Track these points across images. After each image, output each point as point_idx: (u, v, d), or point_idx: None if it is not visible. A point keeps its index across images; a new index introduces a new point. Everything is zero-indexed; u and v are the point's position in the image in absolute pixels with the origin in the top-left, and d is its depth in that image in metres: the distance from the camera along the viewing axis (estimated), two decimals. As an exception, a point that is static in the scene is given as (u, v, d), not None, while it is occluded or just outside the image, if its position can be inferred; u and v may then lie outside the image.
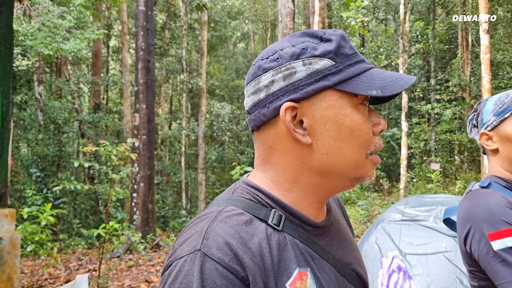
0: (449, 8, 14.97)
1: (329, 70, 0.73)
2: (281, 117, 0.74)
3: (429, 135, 13.48)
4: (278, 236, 0.72)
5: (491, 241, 1.20)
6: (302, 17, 21.11)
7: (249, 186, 0.78)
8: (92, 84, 15.52)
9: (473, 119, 1.48)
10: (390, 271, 4.06)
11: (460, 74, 13.62)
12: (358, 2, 8.88)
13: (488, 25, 7.87)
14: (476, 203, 1.30)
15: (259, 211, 0.73)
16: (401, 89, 0.73)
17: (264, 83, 0.76)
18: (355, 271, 0.83)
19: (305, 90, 0.73)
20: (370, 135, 0.76)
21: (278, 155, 0.77)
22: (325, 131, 0.74)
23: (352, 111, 0.74)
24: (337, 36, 0.76)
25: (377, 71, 0.76)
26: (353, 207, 10.81)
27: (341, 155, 0.74)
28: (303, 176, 0.77)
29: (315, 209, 0.80)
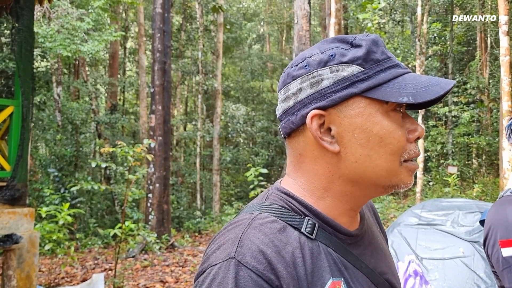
0: (468, 9, 14.77)
1: (357, 77, 0.72)
2: (307, 124, 0.73)
3: (446, 138, 13.32)
4: (312, 244, 0.71)
5: (501, 248, 1.24)
6: (318, 19, 21.06)
7: (282, 193, 0.77)
8: (109, 85, 15.72)
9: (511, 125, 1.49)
10: (406, 275, 4.02)
11: (478, 77, 13.43)
12: (374, 4, 8.83)
13: (508, 26, 7.74)
14: (497, 210, 1.34)
15: (293, 219, 0.73)
16: (436, 95, 0.70)
17: (293, 91, 0.76)
18: (389, 281, 0.81)
19: (332, 98, 0.72)
20: (403, 143, 0.73)
21: (308, 162, 0.77)
22: (353, 139, 0.72)
23: (382, 119, 0.72)
24: (368, 41, 0.74)
25: (412, 76, 0.74)
26: (368, 210, 10.71)
27: (371, 163, 0.73)
28: (334, 184, 0.75)
29: (348, 217, 0.78)
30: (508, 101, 7.30)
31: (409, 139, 0.74)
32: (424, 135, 13.34)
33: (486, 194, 10.99)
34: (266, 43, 24.01)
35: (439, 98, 0.77)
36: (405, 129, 0.74)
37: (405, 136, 0.74)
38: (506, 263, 1.23)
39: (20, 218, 4.17)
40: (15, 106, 4.31)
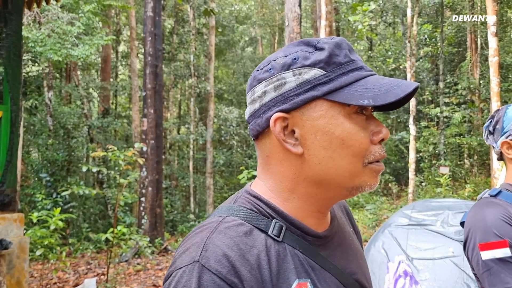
0: (458, 10, 14.89)
1: (319, 80, 0.72)
2: (271, 127, 0.74)
3: (438, 139, 13.40)
4: (278, 247, 0.71)
5: (481, 251, 1.26)
6: (310, 21, 21.13)
7: (250, 196, 0.78)
8: (101, 89, 15.67)
9: (489, 126, 1.50)
10: (396, 276, 4.03)
11: (469, 77, 13.54)
12: (365, 6, 8.88)
13: (497, 27, 7.81)
14: (477, 213, 1.36)
15: (260, 222, 0.73)
16: (396, 98, 0.70)
17: (258, 94, 0.77)
18: (358, 281, 0.82)
19: (294, 101, 0.73)
20: (366, 145, 0.74)
21: (275, 164, 0.77)
22: (316, 141, 0.73)
23: (344, 121, 0.73)
24: (331, 44, 0.75)
25: (374, 79, 0.74)
26: (362, 211, 10.77)
27: (334, 165, 0.73)
28: (300, 186, 0.76)
29: (316, 219, 0.79)
30: (497, 101, 7.36)
31: (373, 140, 0.75)
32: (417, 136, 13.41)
33: (478, 194, 11.04)
34: (258, 45, 24.04)
35: (403, 101, 0.77)
36: (369, 131, 0.75)
37: (369, 138, 0.74)
38: (485, 266, 1.24)
39: (9, 223, 4.15)
40: (4, 111, 4.29)
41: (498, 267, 1.22)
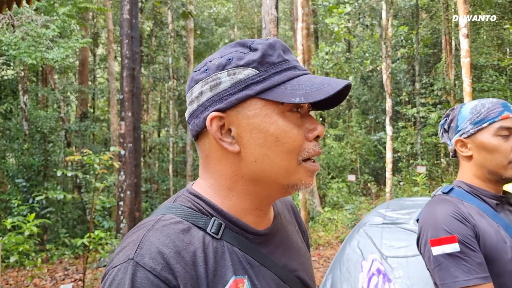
0: (433, 12, 15.18)
1: (252, 80, 0.75)
2: (207, 126, 0.76)
3: (415, 139, 13.62)
4: (216, 244, 0.73)
5: (432, 247, 1.29)
6: (289, 23, 21.25)
7: (191, 194, 0.80)
8: (79, 92, 15.45)
9: (444, 124, 1.54)
10: (370, 274, 4.11)
11: (444, 78, 13.79)
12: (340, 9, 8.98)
13: (470, 29, 7.99)
14: (429, 210, 1.39)
15: (199, 220, 0.75)
16: (326, 95, 0.72)
17: (195, 94, 0.79)
18: (299, 277, 0.84)
19: (229, 100, 0.75)
20: (300, 142, 0.76)
21: (214, 163, 0.79)
22: (251, 139, 0.75)
23: (278, 119, 0.75)
24: (264, 45, 0.77)
25: (307, 78, 0.76)
26: (341, 211, 10.86)
27: (269, 162, 0.75)
28: (238, 184, 0.78)
29: (256, 216, 0.80)
30: (470, 101, 7.52)
31: (308, 137, 0.77)
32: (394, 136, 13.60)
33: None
34: (238, 48, 23.93)
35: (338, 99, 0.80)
36: (304, 129, 0.77)
37: (303, 135, 0.77)
38: (436, 262, 1.27)
39: (-20, 230, 4.07)
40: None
41: (448, 262, 1.25)
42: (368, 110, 17.05)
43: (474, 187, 1.42)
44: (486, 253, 1.28)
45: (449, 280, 1.24)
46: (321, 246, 8.12)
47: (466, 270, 1.23)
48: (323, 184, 12.83)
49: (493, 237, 1.29)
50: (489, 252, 1.28)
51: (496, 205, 1.39)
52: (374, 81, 16.35)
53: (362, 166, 15.18)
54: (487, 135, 1.38)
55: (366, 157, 15.27)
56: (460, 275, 1.23)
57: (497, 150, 1.36)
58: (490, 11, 13.98)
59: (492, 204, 1.39)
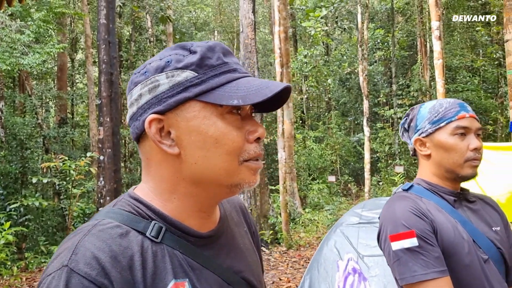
0: (408, 15, 15.46)
1: (190, 82, 0.75)
2: (146, 129, 0.76)
3: (393, 139, 13.83)
4: (156, 248, 0.73)
5: (391, 242, 1.31)
6: (268, 27, 21.35)
7: (131, 198, 0.79)
8: (58, 98, 15.25)
9: (405, 123, 1.57)
10: (346, 273, 4.17)
11: (420, 79, 14.06)
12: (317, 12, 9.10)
13: (444, 31, 8.17)
14: (389, 206, 1.43)
15: (138, 224, 0.74)
16: (264, 97, 0.73)
17: (135, 97, 0.79)
18: (245, 279, 0.84)
19: (168, 102, 0.75)
20: (240, 143, 0.76)
21: (155, 166, 0.79)
22: (191, 141, 0.75)
23: (217, 121, 0.75)
24: (203, 47, 0.77)
25: (246, 80, 0.77)
26: (322, 212, 10.96)
27: (209, 164, 0.75)
28: (180, 186, 0.78)
29: (199, 218, 0.80)
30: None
31: (249, 139, 0.78)
32: (373, 137, 13.79)
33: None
34: (218, 51, 23.86)
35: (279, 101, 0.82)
36: (244, 131, 0.78)
37: (243, 137, 0.77)
38: (395, 257, 1.29)
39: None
40: None
41: (406, 256, 1.27)
42: (347, 112, 17.24)
43: (432, 185, 1.46)
44: (444, 248, 1.31)
45: (407, 274, 1.26)
46: (302, 247, 8.18)
47: (424, 264, 1.25)
48: (304, 185, 12.92)
49: (451, 232, 1.33)
50: (447, 246, 1.31)
51: (454, 201, 1.43)
52: (352, 83, 16.56)
53: (342, 167, 15.33)
54: (444, 134, 1.41)
55: (346, 158, 15.43)
56: (419, 269, 1.25)
57: (454, 149, 1.39)
58: (463, 13, 14.31)
59: (450, 201, 1.43)
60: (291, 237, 8.28)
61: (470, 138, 1.41)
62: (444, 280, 1.25)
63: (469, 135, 1.41)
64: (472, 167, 1.41)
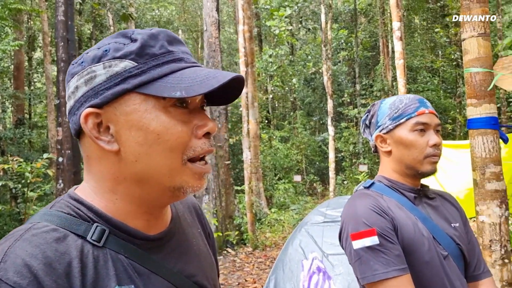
0: (370, 17, 15.77)
1: (129, 72, 0.69)
2: (81, 124, 0.70)
3: (357, 139, 14.06)
4: (98, 252, 0.68)
5: (352, 241, 1.30)
6: (233, 26, 21.29)
7: (71, 199, 0.73)
8: (14, 98, 14.64)
9: (366, 120, 1.55)
10: (310, 272, 4.17)
11: (382, 80, 14.36)
12: (281, 12, 9.11)
13: (405, 32, 8.35)
14: (350, 204, 1.41)
15: (78, 227, 0.68)
16: (209, 88, 0.67)
17: (71, 89, 0.73)
18: (198, 283, 0.80)
19: (104, 95, 0.69)
20: (185, 139, 0.71)
21: (95, 164, 0.73)
22: (130, 137, 0.69)
23: (160, 114, 0.69)
24: (145, 35, 0.71)
25: (192, 71, 0.71)
26: (288, 211, 10.98)
27: (151, 161, 0.70)
28: (121, 186, 0.72)
29: (145, 220, 0.75)
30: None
31: (197, 134, 0.72)
32: (337, 136, 13.96)
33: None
34: (183, 51, 23.57)
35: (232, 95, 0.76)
36: (192, 125, 0.72)
37: (189, 132, 0.72)
38: (356, 255, 1.28)
39: None
40: None
41: (368, 255, 1.26)
42: (312, 112, 17.41)
43: (393, 181, 1.45)
44: (404, 245, 1.30)
45: (369, 273, 1.25)
46: (267, 247, 8.16)
47: (385, 262, 1.24)
48: (269, 185, 12.93)
49: (411, 229, 1.32)
50: (407, 244, 1.30)
51: (414, 198, 1.43)
52: (317, 83, 16.73)
53: (308, 166, 15.46)
54: (404, 130, 1.40)
55: (312, 158, 15.57)
56: (380, 267, 1.24)
57: (414, 145, 1.39)
58: (423, 15, 14.73)
59: (410, 198, 1.42)
60: (257, 237, 8.24)
61: (430, 134, 1.41)
62: (405, 277, 1.24)
63: (428, 131, 1.41)
64: (432, 163, 1.41)
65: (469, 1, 2.50)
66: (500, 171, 2.42)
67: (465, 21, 2.52)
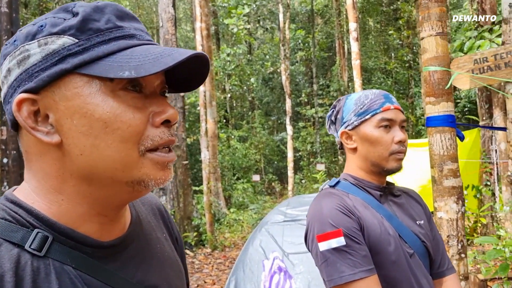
0: (327, 18, 16.02)
1: (69, 50, 0.59)
2: (14, 113, 0.60)
3: (314, 138, 14.25)
4: (38, 263, 0.58)
5: (318, 242, 1.25)
6: (190, 24, 21.03)
7: (8, 201, 0.62)
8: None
9: (331, 116, 1.51)
10: (271, 272, 4.13)
11: (339, 80, 14.63)
12: (239, 10, 9.05)
13: (359, 34, 8.52)
14: (315, 204, 1.36)
15: (14, 233, 0.58)
16: (163, 67, 0.58)
17: (4, 73, 0.62)
18: None
19: (40, 77, 0.59)
20: (139, 127, 0.61)
21: (36, 160, 0.63)
22: (73, 127, 0.59)
23: (106, 99, 0.59)
24: (88, 7, 0.62)
25: (145, 48, 0.62)
26: (246, 211, 10.95)
27: (99, 154, 0.60)
28: (68, 185, 0.62)
29: (98, 224, 0.65)
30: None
31: (154, 122, 0.63)
32: (295, 135, 14.08)
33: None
34: (138, 48, 23.06)
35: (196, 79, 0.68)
36: (147, 112, 0.62)
37: (144, 120, 0.62)
38: (323, 257, 1.24)
39: None
40: None
41: (334, 257, 1.23)
42: (270, 111, 17.49)
43: (359, 179, 1.42)
44: (371, 245, 1.27)
45: (336, 275, 1.22)
46: (227, 248, 8.08)
47: (351, 264, 1.21)
48: (228, 185, 12.86)
49: (377, 229, 1.29)
50: (373, 243, 1.28)
51: (380, 196, 1.40)
52: (275, 83, 16.82)
53: (266, 166, 15.51)
54: (369, 126, 1.37)
55: (270, 157, 15.63)
56: (346, 269, 1.21)
57: (379, 142, 1.36)
58: (377, 18, 15.12)
59: (376, 196, 1.40)
60: (216, 238, 8.15)
61: (395, 131, 1.38)
62: (372, 278, 1.22)
63: (393, 127, 1.38)
64: (397, 160, 1.38)
65: (427, 0, 2.53)
66: (457, 168, 2.47)
67: (424, 20, 2.55)
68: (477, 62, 2.70)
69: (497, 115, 5.47)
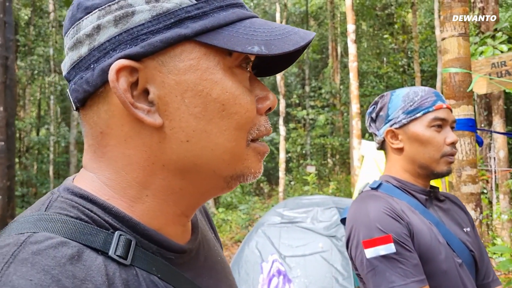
0: (321, 20, 16.02)
1: (187, 12, 0.48)
2: (110, 83, 0.46)
3: (305, 140, 14.21)
4: (127, 274, 0.45)
5: (365, 249, 1.15)
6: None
7: (75, 196, 0.48)
8: None
9: (372, 113, 1.40)
10: (270, 275, 4.03)
11: (331, 82, 14.62)
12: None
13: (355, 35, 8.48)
14: (359, 207, 1.25)
15: (94, 237, 0.45)
16: (296, 46, 0.49)
17: (86, 31, 0.48)
18: None
19: (150, 42, 0.47)
20: (252, 113, 0.51)
21: (116, 145, 0.50)
22: (183, 107, 0.48)
23: (224, 77, 0.49)
24: None
25: (263, 22, 0.52)
26: (235, 211, 10.84)
27: (209, 142, 0.49)
28: (157, 178, 0.50)
29: (179, 226, 0.54)
30: (356, 103, 7.96)
31: (260, 109, 0.53)
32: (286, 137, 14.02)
33: (340, 191, 11.97)
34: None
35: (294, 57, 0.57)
36: (254, 96, 0.53)
37: (254, 105, 0.52)
38: (370, 266, 1.15)
39: None
40: None
41: (383, 265, 1.13)
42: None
43: (403, 182, 1.32)
44: (421, 253, 1.18)
45: (384, 285, 1.12)
46: (216, 248, 7.98)
47: (402, 273, 1.12)
48: (217, 184, 12.75)
49: (427, 235, 1.20)
50: (424, 251, 1.18)
51: (425, 200, 1.31)
52: (267, 83, 16.77)
53: (255, 166, 15.44)
54: (420, 126, 1.27)
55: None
56: (397, 279, 1.11)
57: (430, 142, 1.26)
58: (370, 22, 15.17)
59: (421, 200, 1.30)
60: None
61: (447, 131, 1.29)
62: None
63: (445, 127, 1.29)
64: (448, 163, 1.29)
65: (450, 0, 2.45)
66: (475, 174, 2.40)
67: (446, 20, 2.47)
68: (495, 66, 2.63)
69: (497, 122, 5.47)
